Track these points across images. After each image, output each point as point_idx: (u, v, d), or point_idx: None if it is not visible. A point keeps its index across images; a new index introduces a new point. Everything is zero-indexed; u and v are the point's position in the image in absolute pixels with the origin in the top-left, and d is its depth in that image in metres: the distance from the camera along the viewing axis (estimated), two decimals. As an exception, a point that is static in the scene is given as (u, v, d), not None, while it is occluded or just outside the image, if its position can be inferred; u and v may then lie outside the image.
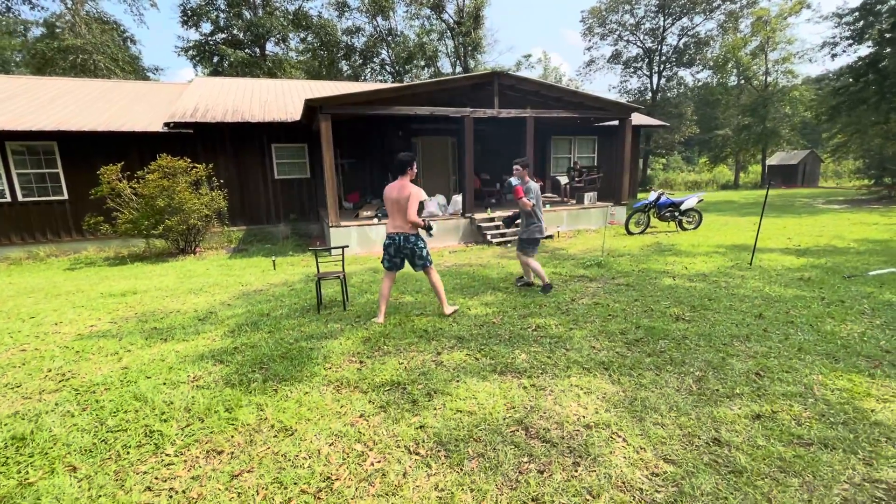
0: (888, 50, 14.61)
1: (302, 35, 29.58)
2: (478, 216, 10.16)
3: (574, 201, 12.40)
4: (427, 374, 3.26)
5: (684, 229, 10.11)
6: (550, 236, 9.94)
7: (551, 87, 10.67)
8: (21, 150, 9.98)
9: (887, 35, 14.70)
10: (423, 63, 30.43)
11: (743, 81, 33.06)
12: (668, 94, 38.58)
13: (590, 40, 39.49)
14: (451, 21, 31.04)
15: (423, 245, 4.51)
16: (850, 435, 2.33)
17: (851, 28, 16.30)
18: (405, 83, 9.32)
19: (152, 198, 8.98)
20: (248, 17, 24.26)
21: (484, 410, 2.75)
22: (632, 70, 38.74)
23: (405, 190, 4.35)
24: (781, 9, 30.80)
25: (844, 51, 16.61)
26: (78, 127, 9.96)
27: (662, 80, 37.35)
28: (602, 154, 15.80)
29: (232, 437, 2.58)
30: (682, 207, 9.88)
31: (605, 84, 68.42)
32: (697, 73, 37.44)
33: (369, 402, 2.92)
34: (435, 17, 31.43)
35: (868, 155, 16.67)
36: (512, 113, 10.19)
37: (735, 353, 3.39)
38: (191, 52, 24.42)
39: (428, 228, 4.55)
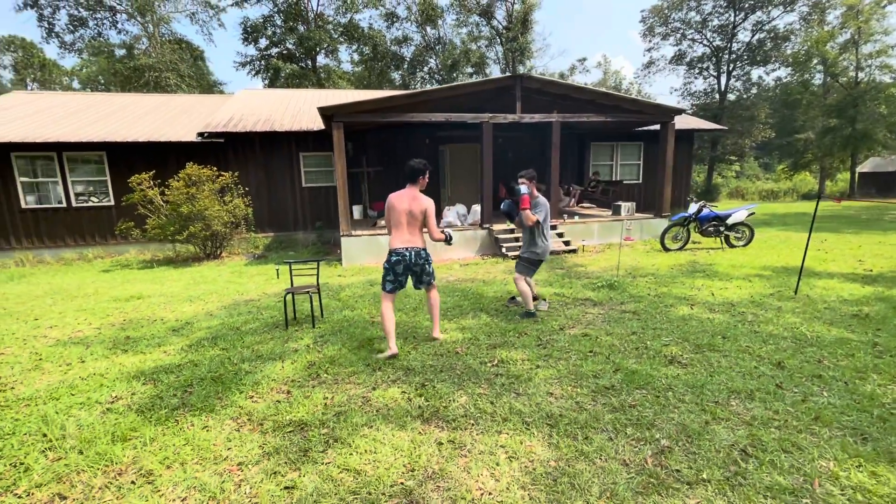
0: None
1: (354, 46, 30.49)
2: (496, 227, 9.60)
3: (609, 212, 11.43)
4: (343, 416, 2.86)
5: (732, 246, 8.87)
6: (574, 250, 9.14)
7: (581, 89, 9.90)
8: (76, 159, 10.86)
9: None
10: (469, 70, 30.18)
11: (829, 79, 29.44)
12: (738, 96, 35.36)
13: (650, 41, 37.23)
14: (500, 27, 30.58)
15: (431, 260, 4.11)
16: (845, 569, 1.61)
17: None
18: (420, 90, 8.99)
19: (177, 205, 9.37)
20: (301, 31, 25.37)
21: (376, 472, 2.29)
22: (697, 71, 35.97)
23: (420, 201, 3.93)
24: (878, -4, 27.11)
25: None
26: (122, 138, 10.67)
27: (732, 81, 34.28)
28: (648, 160, 14.57)
29: (90, 479, 2.32)
30: (729, 221, 8.67)
31: (667, 87, 63.97)
32: (773, 71, 34.02)
33: (260, 446, 2.56)
34: (484, 23, 31.14)
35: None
36: (536, 118, 9.55)
37: (726, 416, 2.65)
38: (248, 67, 26.05)
39: (448, 240, 4.14)
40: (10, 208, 10.62)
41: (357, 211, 12.17)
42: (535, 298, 5.28)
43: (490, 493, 2.10)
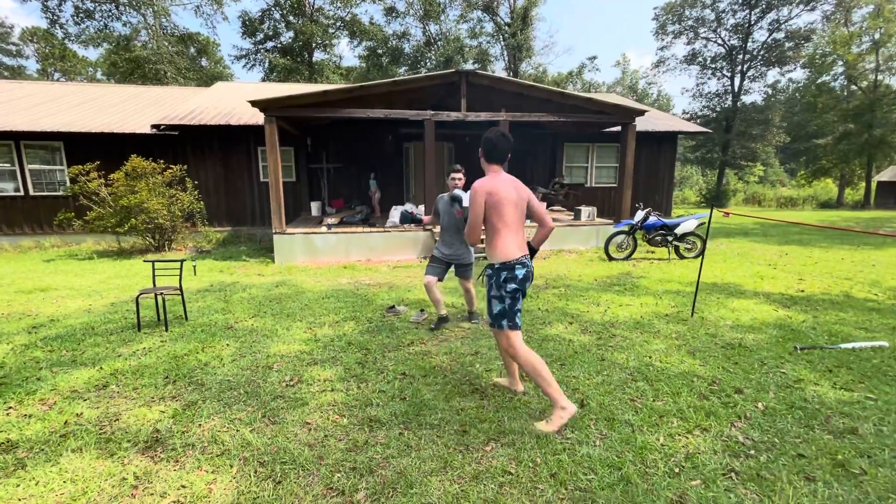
0: None
1: (356, 42, 30.36)
2: (438, 228, 9.24)
3: (571, 216, 10.93)
4: (65, 437, 2.62)
5: (682, 257, 8.32)
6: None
7: (535, 87, 9.44)
8: (34, 148, 10.97)
9: None
10: (470, 66, 29.69)
11: (847, 82, 27.88)
12: (753, 98, 33.89)
13: (662, 39, 36.01)
14: (503, 22, 29.99)
15: None
16: None
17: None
18: (359, 84, 8.71)
19: (119, 197, 9.34)
20: (298, 24, 25.32)
21: (30, 502, 2.03)
22: (710, 71, 34.61)
23: (523, 187, 2.77)
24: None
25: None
26: (79, 128, 10.72)
27: (746, 82, 32.83)
28: (622, 164, 13.91)
29: None
30: (678, 231, 8.13)
31: (678, 87, 61.72)
32: (789, 72, 32.46)
33: (-61, 469, 2.34)
34: (487, 18, 30.58)
35: None
36: (482, 116, 9.15)
37: (461, 465, 2.29)
38: (243, 61, 26.20)
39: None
40: (-32, 195, 10.80)
41: (315, 207, 11.98)
42: (391, 307, 5.07)
43: (105, 548, 1.82)
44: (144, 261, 5.16)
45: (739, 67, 32.43)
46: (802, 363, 3.47)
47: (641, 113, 9.65)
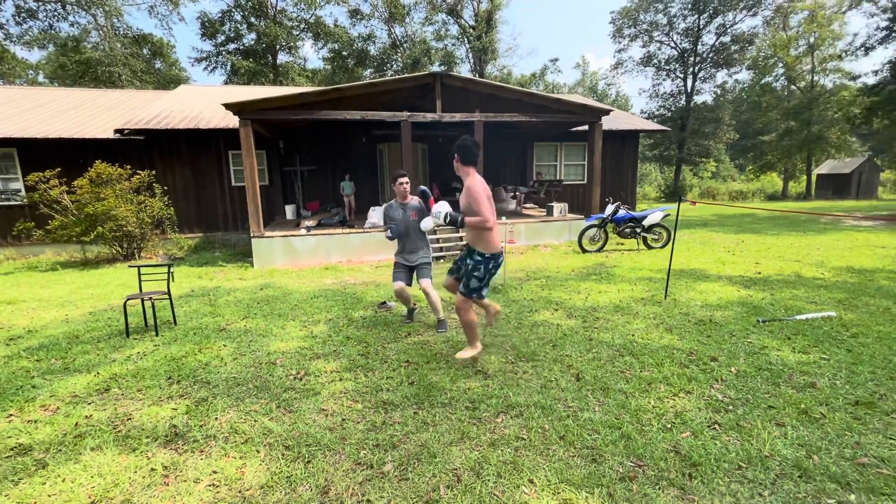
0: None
1: (320, 44, 30.03)
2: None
3: (544, 212, 11.34)
4: (80, 437, 2.63)
5: (650, 247, 8.84)
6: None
7: (506, 88, 9.75)
8: (-16, 156, 10.35)
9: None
10: (435, 68, 29.96)
11: (787, 82, 29.98)
12: (705, 98, 35.88)
13: (619, 42, 37.52)
14: (468, 25, 30.43)
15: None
16: None
17: (890, 18, 14.03)
18: (334, 86, 8.75)
19: (83, 204, 8.97)
20: (261, 26, 24.82)
21: (61, 497, 2.07)
22: (665, 73, 36.35)
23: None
24: (839, 0, 27.62)
25: (880, 42, 14.32)
26: (33, 134, 10.20)
27: (698, 83, 34.69)
28: (590, 162, 14.52)
29: None
30: (645, 223, 8.64)
31: (637, 88, 64.64)
32: (736, 73, 34.58)
33: (-45, 475, 2.32)
34: (452, 21, 30.95)
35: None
36: (457, 117, 9.39)
37: (477, 435, 2.49)
38: (204, 63, 25.38)
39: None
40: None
41: (290, 210, 11.87)
42: (382, 303, 5.23)
43: (151, 530, 1.90)
44: (130, 266, 5.05)
45: (691, 69, 34.22)
46: (765, 333, 3.87)
47: (607, 112, 10.16)
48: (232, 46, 25.19)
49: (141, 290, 4.93)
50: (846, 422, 2.46)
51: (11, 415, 2.99)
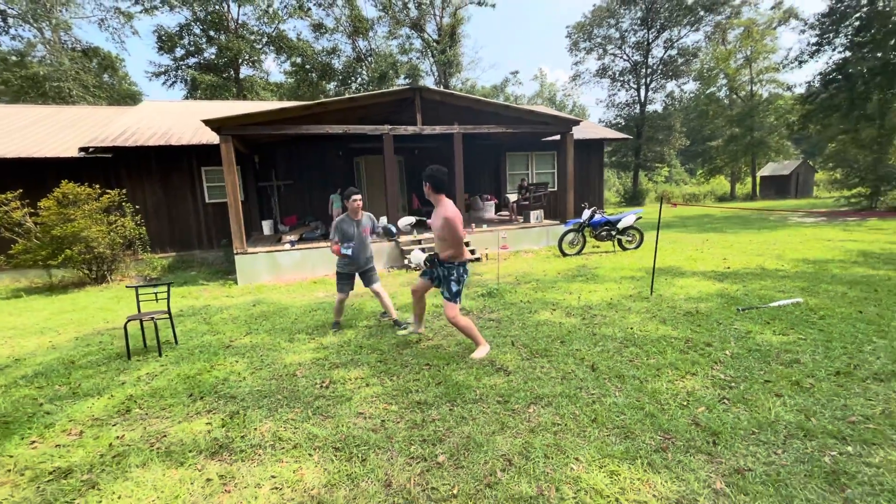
0: (856, 55, 13.86)
1: (282, 57, 29.74)
2: (403, 238, 9.55)
3: (521, 219, 11.75)
4: (121, 457, 2.62)
5: (624, 249, 9.37)
6: (478, 259, 9.27)
7: (484, 102, 10.13)
8: (-69, 178, 9.66)
9: (855, 39, 13.97)
10: (401, 81, 30.30)
11: (729, 92, 32.34)
12: (657, 107, 38.05)
13: (576, 55, 39.29)
14: (431, 39, 31.03)
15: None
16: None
17: (819, 34, 15.59)
18: (316, 101, 8.82)
19: (50, 227, 8.55)
20: (222, 40, 24.34)
21: (117, 519, 2.09)
22: (619, 84, 38.33)
23: None
24: (769, 18, 30.23)
25: (812, 56, 15.87)
26: (-13, 154, 9.64)
27: (650, 93, 36.81)
28: (562, 170, 15.16)
29: None
30: (619, 226, 9.16)
31: (593, 98, 68.04)
32: (684, 84, 36.93)
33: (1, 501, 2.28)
34: (415, 35, 31.47)
35: (843, 163, 15.78)
36: (437, 129, 9.66)
37: (515, 424, 2.69)
38: (163, 77, 24.56)
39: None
40: None
41: (267, 226, 11.73)
42: (384, 312, 5.34)
43: (228, 533, 1.97)
44: (127, 286, 4.93)
45: (643, 80, 36.27)
46: (747, 320, 4.29)
47: (577, 122, 10.72)
48: (192, 60, 24.51)
49: (140, 310, 4.82)
50: (832, 389, 2.83)
51: (34, 441, 2.92)
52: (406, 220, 4.63)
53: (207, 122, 8.07)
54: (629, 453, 2.31)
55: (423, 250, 3.96)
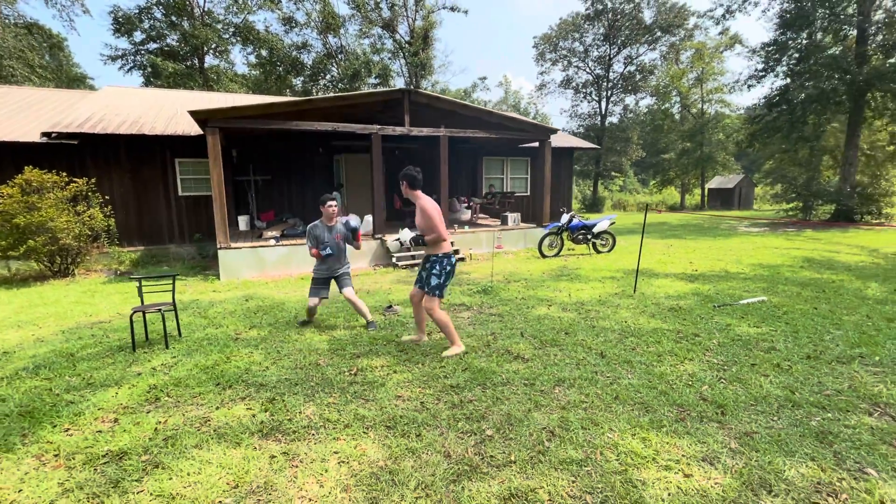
0: (796, 83, 15.52)
1: (250, 49, 28.84)
2: (388, 237, 9.67)
3: (499, 222, 12.16)
4: (172, 440, 2.67)
5: (598, 252, 9.98)
6: (462, 258, 9.56)
7: (468, 106, 10.45)
8: None
9: (796, 68, 15.62)
10: (374, 81, 30.20)
11: (682, 109, 34.64)
12: (617, 119, 40.02)
13: (542, 65, 40.66)
14: (403, 41, 31.13)
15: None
16: (599, 522, 1.91)
17: (764, 61, 17.24)
18: (306, 98, 8.81)
19: (11, 215, 8.01)
20: (187, 27, 23.30)
21: (195, 493, 2.18)
22: (582, 95, 40.03)
23: None
24: (717, 43, 32.69)
25: (758, 81, 17.50)
26: (-64, 135, 8.87)
27: (611, 106, 38.72)
28: (535, 175, 15.79)
29: None
30: (595, 230, 9.76)
31: (557, 108, 70.68)
32: (642, 99, 39.09)
33: (60, 483, 2.30)
34: (387, 35, 31.45)
35: (783, 179, 17.50)
36: (424, 131, 9.87)
37: (547, 403, 2.98)
38: (119, 62, 23.13)
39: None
40: None
41: (243, 221, 11.45)
42: (389, 307, 5.57)
43: (312, 500, 2.13)
44: (131, 278, 4.80)
45: (605, 93, 38.11)
46: (724, 315, 4.83)
47: (555, 131, 11.28)
48: (153, 46, 23.23)
49: (142, 302, 4.73)
50: (806, 370, 3.33)
51: (68, 429, 2.90)
52: (407, 235, 4.19)
53: (194, 114, 7.87)
54: (654, 424, 2.66)
55: (410, 230, 4.05)
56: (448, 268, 3.89)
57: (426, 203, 3.84)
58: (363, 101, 9.53)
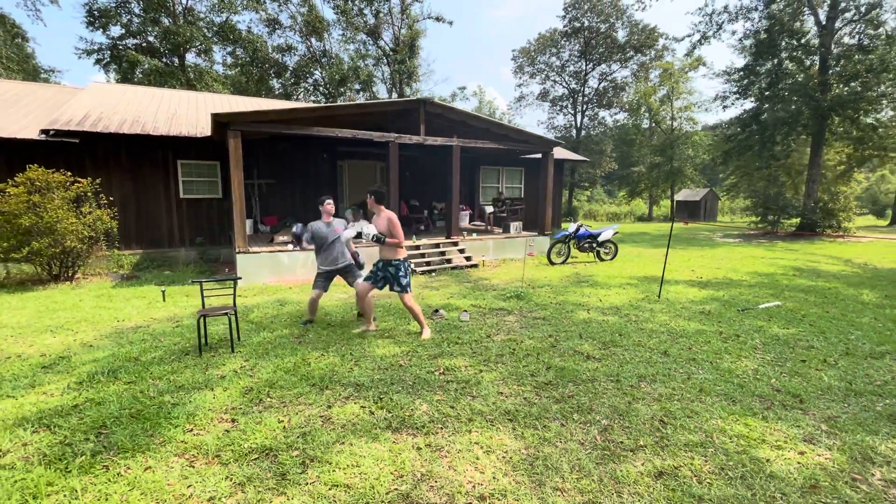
0: (766, 105, 16.92)
1: (230, 49, 28.22)
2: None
3: (500, 230, 12.52)
4: (309, 436, 2.78)
5: (602, 260, 10.49)
6: (475, 265, 9.83)
7: (478, 117, 10.79)
8: None
9: (766, 93, 17.03)
10: (357, 87, 30.17)
11: (653, 124, 36.48)
12: (591, 132, 41.58)
13: (520, 78, 41.80)
14: (388, 48, 31.30)
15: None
16: (748, 493, 2.21)
17: (738, 85, 18.65)
18: (325, 104, 8.87)
19: (15, 215, 7.64)
20: (167, 24, 22.57)
21: (366, 483, 2.32)
22: (558, 108, 41.41)
23: None
24: (683, 64, 34.75)
25: (733, 104, 18.87)
26: (-76, 129, 8.34)
27: (585, 119, 40.26)
28: (529, 184, 16.31)
29: (15, 546, 1.92)
30: (600, 239, 10.27)
31: (535, 119, 72.73)
32: (615, 114, 40.81)
33: (226, 478, 2.38)
34: (371, 42, 31.54)
35: (754, 194, 18.91)
36: (438, 141, 10.12)
37: (641, 396, 3.28)
38: (96, 56, 22.07)
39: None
40: None
41: (248, 225, 11.27)
42: (436, 311, 5.74)
43: (480, 484, 2.32)
44: (192, 281, 4.78)
45: (580, 107, 39.60)
46: (751, 318, 5.31)
47: (559, 144, 11.79)
48: (132, 42, 22.31)
49: (203, 305, 4.72)
50: (849, 365, 3.80)
51: (191, 429, 2.94)
52: (372, 230, 4.64)
53: (217, 116, 7.80)
54: (747, 411, 3.01)
55: (381, 234, 4.63)
56: (409, 268, 4.77)
57: (392, 215, 4.62)
58: (380, 110, 9.69)
